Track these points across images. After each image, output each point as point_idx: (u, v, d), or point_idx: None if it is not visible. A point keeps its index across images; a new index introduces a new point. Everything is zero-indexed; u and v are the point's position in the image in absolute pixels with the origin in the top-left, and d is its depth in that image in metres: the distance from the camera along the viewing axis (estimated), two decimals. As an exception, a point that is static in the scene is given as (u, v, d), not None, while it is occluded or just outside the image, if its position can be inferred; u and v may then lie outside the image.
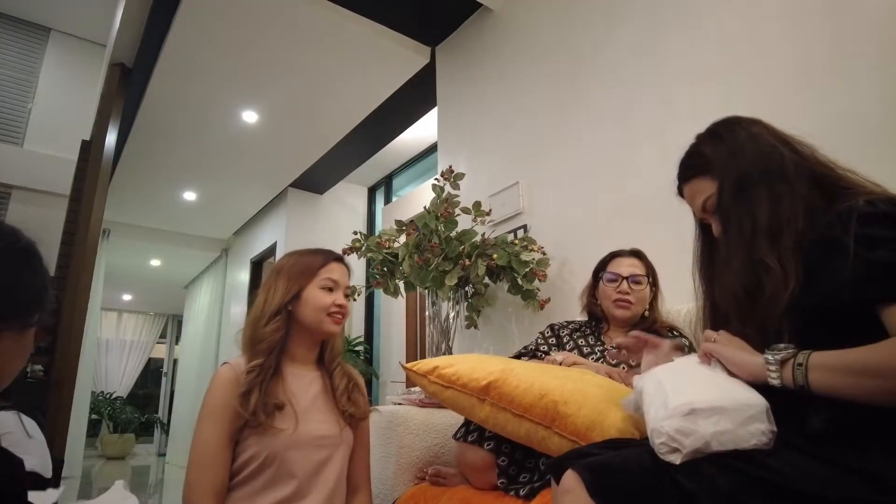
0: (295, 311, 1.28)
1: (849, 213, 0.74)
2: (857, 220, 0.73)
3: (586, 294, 1.73)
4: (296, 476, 1.16)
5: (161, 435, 9.00)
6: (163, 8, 3.09)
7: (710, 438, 0.70)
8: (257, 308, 1.29)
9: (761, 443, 0.70)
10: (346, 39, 3.19)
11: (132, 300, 9.50)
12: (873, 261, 0.70)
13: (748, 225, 0.83)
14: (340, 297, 1.31)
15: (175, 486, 5.42)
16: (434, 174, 3.16)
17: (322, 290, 1.29)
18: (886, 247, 0.70)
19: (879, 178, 1.47)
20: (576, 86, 2.43)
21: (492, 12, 3.00)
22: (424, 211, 2.33)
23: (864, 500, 0.60)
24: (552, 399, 1.14)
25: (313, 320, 1.28)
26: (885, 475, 0.61)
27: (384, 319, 4.93)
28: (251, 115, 4.00)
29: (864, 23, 1.54)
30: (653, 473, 0.71)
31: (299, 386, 1.26)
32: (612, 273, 1.62)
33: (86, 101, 4.76)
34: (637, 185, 2.09)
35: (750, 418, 0.71)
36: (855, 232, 0.71)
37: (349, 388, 1.32)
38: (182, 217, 5.98)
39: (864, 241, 0.71)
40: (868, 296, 0.70)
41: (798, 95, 1.66)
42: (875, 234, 0.71)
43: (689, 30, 2.01)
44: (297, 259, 1.35)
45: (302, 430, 1.19)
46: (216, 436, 1.16)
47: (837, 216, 0.76)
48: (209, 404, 1.19)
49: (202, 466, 1.14)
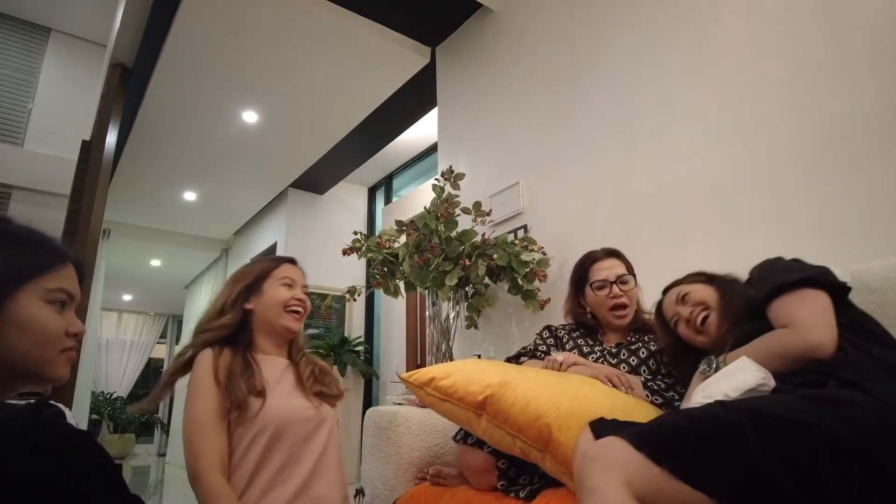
0: (255, 308, 1.36)
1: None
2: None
3: (570, 304, 1.68)
4: (287, 445, 1.21)
5: (161, 435, 9.01)
6: (163, 8, 3.09)
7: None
8: (209, 307, 1.38)
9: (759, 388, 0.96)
10: (347, 39, 3.19)
11: (132, 300, 9.50)
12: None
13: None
14: (299, 293, 1.39)
15: (175, 486, 5.42)
16: (434, 174, 3.16)
17: (282, 286, 1.38)
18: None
19: (879, 177, 1.47)
20: (576, 86, 2.43)
21: (492, 12, 3.00)
22: (424, 211, 2.33)
23: (829, 417, 0.79)
24: (546, 422, 1.11)
25: (272, 315, 1.35)
26: (841, 396, 0.85)
27: (384, 319, 4.93)
28: (251, 115, 4.00)
29: (864, 24, 1.54)
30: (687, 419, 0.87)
31: (273, 372, 1.33)
32: (599, 280, 1.58)
33: (86, 101, 4.76)
34: (637, 185, 2.09)
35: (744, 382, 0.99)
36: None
37: (315, 371, 1.39)
38: (182, 217, 5.98)
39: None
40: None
41: (797, 96, 1.66)
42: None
43: (689, 30, 2.01)
44: (250, 266, 1.46)
45: (283, 404, 1.25)
46: (210, 407, 1.20)
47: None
48: (197, 381, 1.23)
49: (203, 435, 1.17)
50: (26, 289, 0.69)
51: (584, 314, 1.65)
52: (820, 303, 1.01)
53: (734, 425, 0.79)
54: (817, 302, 1.01)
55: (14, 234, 0.74)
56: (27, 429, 0.57)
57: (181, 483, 5.53)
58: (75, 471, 0.58)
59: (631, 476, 0.78)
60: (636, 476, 0.78)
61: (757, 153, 1.73)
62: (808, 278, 1.05)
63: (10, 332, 0.67)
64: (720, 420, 0.80)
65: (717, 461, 0.77)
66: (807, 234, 1.58)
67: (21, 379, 0.71)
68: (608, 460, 0.80)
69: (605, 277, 1.58)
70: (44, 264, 0.72)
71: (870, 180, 1.47)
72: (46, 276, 0.72)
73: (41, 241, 0.76)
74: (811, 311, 1.00)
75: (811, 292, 1.03)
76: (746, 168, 1.75)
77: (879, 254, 1.36)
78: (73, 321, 0.75)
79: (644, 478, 0.78)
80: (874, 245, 1.43)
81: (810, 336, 0.97)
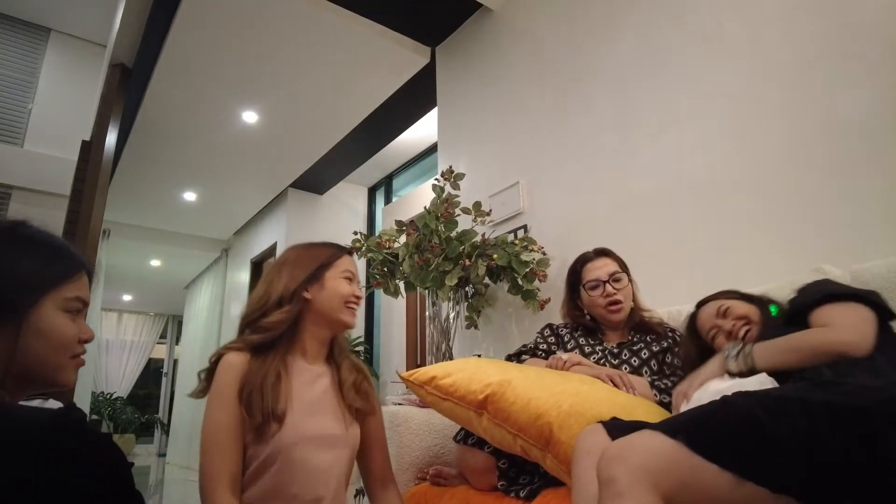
0: (313, 298, 1.23)
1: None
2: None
3: (567, 307, 1.69)
4: (298, 476, 1.12)
5: (161, 435, 9.00)
6: (163, 8, 3.09)
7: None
8: (257, 296, 1.23)
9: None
10: (347, 40, 3.19)
11: (132, 300, 9.50)
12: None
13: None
14: (357, 289, 1.28)
15: (175, 487, 5.42)
16: (434, 174, 3.16)
17: (343, 279, 1.26)
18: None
19: (880, 177, 1.47)
20: (576, 86, 2.43)
21: (492, 12, 3.00)
22: (424, 211, 2.33)
23: (834, 396, 0.80)
24: (547, 421, 1.12)
25: (332, 308, 1.23)
26: (834, 379, 0.91)
27: (384, 319, 4.93)
28: (251, 115, 4.00)
29: (864, 23, 1.54)
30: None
31: (304, 382, 1.20)
32: (592, 280, 1.59)
33: (86, 102, 4.75)
34: (637, 184, 2.09)
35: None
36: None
37: (358, 381, 1.27)
38: (182, 217, 5.98)
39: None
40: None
41: (797, 97, 1.66)
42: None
43: (689, 29, 2.01)
44: (304, 250, 1.29)
45: (306, 427, 1.14)
46: (227, 419, 1.11)
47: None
48: (217, 388, 1.13)
49: (215, 452, 1.09)
50: (48, 298, 0.72)
51: (582, 316, 1.65)
52: (864, 314, 1.03)
53: (782, 412, 0.76)
54: (862, 313, 1.03)
55: (36, 241, 0.76)
56: (60, 432, 0.59)
57: (181, 483, 5.53)
58: (102, 472, 0.61)
59: (658, 474, 0.75)
60: (666, 470, 0.75)
61: (757, 153, 1.73)
62: (858, 294, 1.07)
63: (31, 340, 0.70)
64: (759, 409, 0.77)
65: (765, 448, 0.74)
66: (807, 233, 1.58)
67: (34, 384, 0.74)
68: (636, 462, 0.76)
69: (597, 277, 1.59)
70: (64, 274, 0.75)
71: (870, 180, 1.47)
72: (66, 286, 0.74)
73: (59, 247, 0.77)
74: (853, 319, 1.02)
75: (858, 305, 1.05)
76: (746, 168, 1.75)
77: (879, 254, 1.36)
78: (85, 328, 0.77)
79: (674, 471, 0.75)
80: (874, 245, 1.43)
81: (846, 334, 0.98)
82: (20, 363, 0.70)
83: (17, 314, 0.69)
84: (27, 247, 0.73)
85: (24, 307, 0.70)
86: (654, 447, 0.77)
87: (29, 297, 0.71)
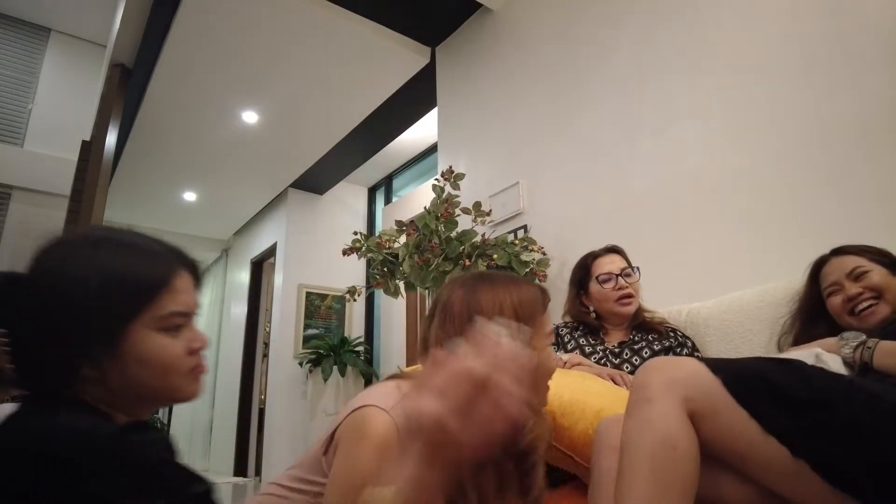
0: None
1: None
2: None
3: (571, 304, 1.68)
4: None
5: (161, 435, 8.99)
6: (163, 8, 3.08)
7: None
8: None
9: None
10: (347, 40, 3.19)
11: (132, 300, 9.48)
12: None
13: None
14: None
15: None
16: (434, 174, 3.15)
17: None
18: None
19: (881, 178, 1.47)
20: (576, 86, 2.43)
21: (492, 12, 3.00)
22: (424, 211, 2.33)
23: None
24: (549, 409, 1.12)
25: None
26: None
27: (384, 319, 4.93)
28: (251, 115, 4.00)
29: (866, 22, 1.54)
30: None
31: None
32: (605, 273, 1.59)
33: (86, 102, 4.75)
34: (637, 184, 2.08)
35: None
36: None
37: None
38: (182, 217, 5.98)
39: None
40: None
41: (799, 95, 1.66)
42: None
43: (689, 29, 2.01)
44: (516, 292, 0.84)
45: None
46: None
47: None
48: (353, 468, 0.74)
49: None
50: (136, 322, 0.62)
51: (587, 313, 1.65)
52: None
53: (827, 389, 0.74)
54: None
55: (104, 260, 0.65)
56: (80, 450, 0.53)
57: (181, 483, 5.52)
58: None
59: (691, 393, 0.74)
60: (698, 396, 0.75)
61: (757, 153, 1.73)
62: None
63: (132, 369, 0.62)
64: (815, 377, 0.76)
65: (807, 421, 0.72)
66: (806, 233, 1.58)
67: (153, 403, 0.68)
68: (673, 375, 0.77)
69: (609, 271, 1.59)
70: (148, 291, 0.64)
71: (871, 180, 1.47)
72: (155, 303, 0.64)
73: (142, 254, 0.69)
74: None
75: None
76: (746, 167, 1.75)
77: (880, 254, 1.36)
78: (194, 336, 0.67)
79: (707, 399, 0.75)
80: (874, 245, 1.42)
81: None
82: (132, 394, 0.63)
83: (106, 347, 0.61)
84: (96, 270, 0.63)
85: (111, 339, 0.61)
86: (695, 371, 0.78)
87: (110, 326, 0.61)
